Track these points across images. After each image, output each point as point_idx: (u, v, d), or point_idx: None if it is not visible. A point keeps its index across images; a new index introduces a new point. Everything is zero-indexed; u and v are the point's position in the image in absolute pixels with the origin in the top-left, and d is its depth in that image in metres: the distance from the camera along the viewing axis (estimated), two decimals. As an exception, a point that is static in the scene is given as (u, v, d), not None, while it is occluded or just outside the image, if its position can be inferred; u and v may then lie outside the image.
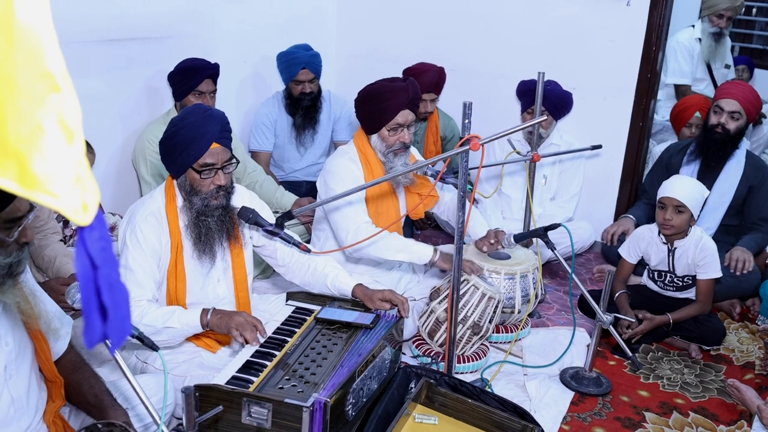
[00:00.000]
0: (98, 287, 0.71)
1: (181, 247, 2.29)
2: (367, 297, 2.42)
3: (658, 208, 2.96)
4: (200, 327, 2.19)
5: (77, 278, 0.72)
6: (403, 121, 2.77)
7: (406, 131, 2.80)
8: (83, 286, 0.71)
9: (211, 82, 3.32)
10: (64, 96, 0.65)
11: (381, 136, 2.80)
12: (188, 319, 2.18)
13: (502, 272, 2.88)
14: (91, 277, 0.71)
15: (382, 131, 2.79)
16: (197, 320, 2.19)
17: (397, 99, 2.72)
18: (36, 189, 0.64)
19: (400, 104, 2.73)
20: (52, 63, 0.64)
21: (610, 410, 2.61)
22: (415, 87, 2.79)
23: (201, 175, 2.21)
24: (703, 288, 2.97)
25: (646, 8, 3.70)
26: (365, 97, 2.80)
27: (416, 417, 2.18)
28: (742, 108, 3.36)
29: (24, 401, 1.70)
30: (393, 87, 2.75)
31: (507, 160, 3.47)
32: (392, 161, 2.81)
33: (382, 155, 2.83)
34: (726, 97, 3.39)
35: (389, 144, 2.79)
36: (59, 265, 2.64)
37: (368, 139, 2.86)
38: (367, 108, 2.80)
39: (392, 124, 2.76)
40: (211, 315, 2.19)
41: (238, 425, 1.90)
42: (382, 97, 2.74)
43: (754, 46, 6.41)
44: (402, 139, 2.79)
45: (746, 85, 3.50)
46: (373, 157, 2.86)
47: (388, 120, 2.75)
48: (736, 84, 3.54)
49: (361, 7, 4.58)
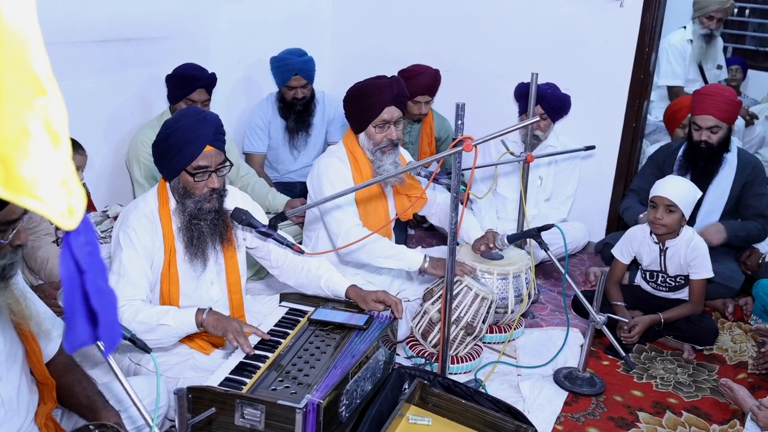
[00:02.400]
0: (86, 291, 0.71)
1: (174, 249, 2.28)
2: (361, 298, 2.42)
3: (649, 207, 2.97)
4: (195, 326, 2.17)
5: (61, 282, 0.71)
6: (389, 117, 2.78)
7: (393, 128, 2.80)
8: (67, 290, 0.71)
9: (204, 92, 3.31)
10: (50, 99, 0.65)
11: (368, 133, 2.81)
12: (183, 318, 2.16)
13: (495, 273, 2.89)
14: (77, 281, 0.70)
15: (369, 129, 2.80)
16: (192, 319, 2.16)
17: (381, 96, 2.74)
18: (21, 193, 0.64)
19: (385, 101, 2.74)
20: (38, 66, 0.64)
21: (604, 410, 2.61)
22: (399, 83, 2.80)
23: (194, 177, 2.21)
24: (695, 288, 2.98)
25: (639, 9, 3.71)
26: (351, 96, 2.83)
27: (410, 418, 2.19)
28: (719, 120, 3.29)
29: (15, 404, 1.69)
30: (377, 84, 2.77)
31: (500, 161, 3.47)
32: (380, 159, 2.81)
33: (370, 153, 2.83)
34: (701, 113, 3.31)
35: (376, 142, 2.80)
36: (52, 267, 2.63)
37: (357, 139, 2.86)
38: (353, 106, 2.82)
39: (378, 121, 2.77)
40: (207, 314, 2.16)
41: (231, 427, 1.89)
42: (368, 94, 2.76)
43: (747, 47, 6.44)
44: (389, 137, 2.80)
45: (718, 94, 3.33)
46: (361, 157, 2.86)
47: (374, 117, 2.76)
48: (707, 95, 3.33)
49: (357, 7, 4.59)
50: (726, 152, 3.39)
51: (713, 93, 3.33)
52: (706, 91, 3.38)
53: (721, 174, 3.40)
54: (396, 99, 2.77)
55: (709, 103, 3.28)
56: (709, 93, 3.34)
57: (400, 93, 2.79)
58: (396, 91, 2.76)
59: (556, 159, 3.78)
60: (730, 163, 3.42)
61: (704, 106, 3.29)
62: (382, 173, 2.78)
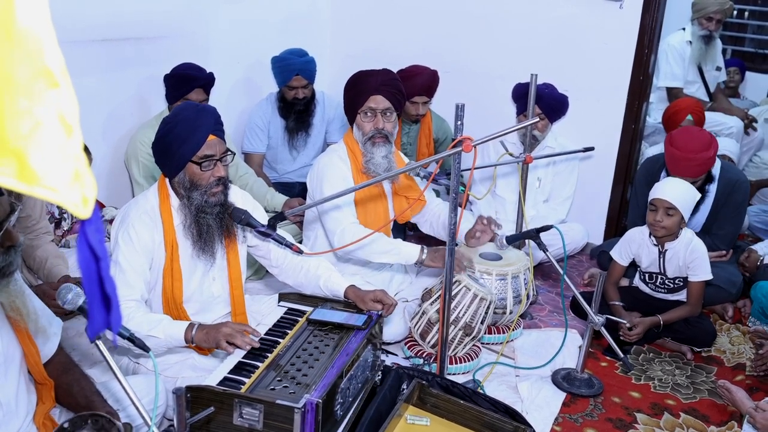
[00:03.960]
0: (101, 278, 0.73)
1: (176, 245, 2.28)
2: (359, 298, 2.42)
3: (649, 209, 2.97)
4: (183, 342, 2.13)
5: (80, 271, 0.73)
6: (375, 105, 2.80)
7: (380, 117, 2.81)
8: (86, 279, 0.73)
9: (202, 92, 3.31)
10: (63, 92, 0.66)
11: (357, 124, 2.85)
12: (173, 331, 2.12)
13: (494, 273, 2.89)
14: (94, 268, 0.72)
15: (358, 119, 2.84)
16: (181, 335, 2.12)
17: (366, 83, 2.79)
18: (35, 184, 0.65)
19: (370, 88, 2.78)
20: (51, 59, 0.65)
21: (602, 411, 2.62)
22: (389, 74, 2.85)
23: (201, 166, 2.21)
24: (693, 290, 2.99)
25: (638, 11, 3.71)
26: (345, 88, 2.89)
27: (408, 418, 2.19)
28: (697, 177, 3.21)
29: (13, 405, 1.69)
30: (364, 73, 2.84)
31: (499, 161, 3.47)
32: (371, 152, 2.81)
33: (361, 145, 2.85)
34: (678, 175, 3.15)
35: (365, 132, 2.81)
36: (50, 266, 2.63)
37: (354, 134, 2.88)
38: (346, 99, 2.88)
39: (365, 108, 2.80)
40: (196, 331, 2.11)
41: (229, 426, 1.89)
42: (355, 83, 2.83)
43: (746, 50, 6.45)
44: (377, 125, 2.80)
45: (690, 158, 3.16)
46: (360, 154, 2.87)
47: (361, 104, 2.80)
48: (681, 160, 3.18)
49: (356, 8, 4.59)
50: (709, 183, 3.36)
51: (685, 158, 3.17)
52: (677, 155, 3.19)
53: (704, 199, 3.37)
54: (381, 87, 2.79)
55: (683, 167, 3.17)
56: (680, 158, 3.18)
57: (387, 83, 2.81)
58: (381, 80, 2.79)
59: (554, 160, 3.79)
60: (711, 193, 3.39)
61: (679, 169, 3.18)
62: (372, 166, 2.79)
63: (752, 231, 4.26)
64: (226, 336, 2.07)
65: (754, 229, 4.24)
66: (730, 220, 3.41)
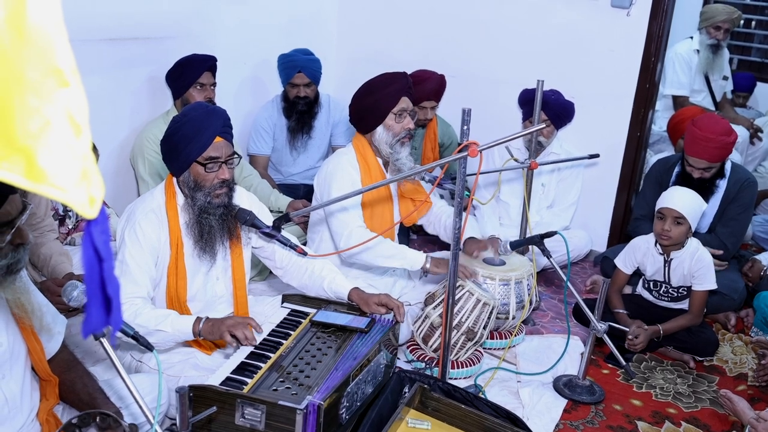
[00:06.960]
0: (103, 279, 0.73)
1: (181, 244, 2.29)
2: (363, 301, 2.42)
3: (656, 218, 2.96)
4: (191, 335, 2.18)
5: (84, 270, 0.73)
6: (406, 106, 2.82)
7: (409, 118, 2.84)
8: (89, 278, 0.73)
9: (210, 75, 3.34)
10: (73, 91, 0.66)
11: (386, 125, 2.82)
12: (181, 325, 2.16)
13: (497, 278, 2.89)
14: (97, 269, 0.72)
15: (387, 120, 2.81)
16: (189, 327, 2.16)
17: (397, 84, 2.80)
18: (43, 183, 0.65)
19: (401, 89, 2.80)
20: (62, 59, 0.65)
21: (603, 419, 2.61)
22: (408, 77, 2.87)
23: (206, 168, 2.22)
24: (696, 299, 2.98)
25: (645, 18, 3.72)
26: (365, 91, 2.85)
27: (409, 422, 2.19)
28: (712, 162, 3.24)
29: (18, 401, 1.70)
30: (390, 75, 2.84)
31: (504, 167, 3.48)
32: (398, 152, 2.83)
33: (388, 147, 2.84)
34: (693, 156, 3.25)
35: (396, 132, 2.82)
36: (55, 263, 2.63)
37: (369, 140, 2.87)
38: (368, 101, 2.82)
39: (397, 110, 2.80)
40: (203, 323, 2.17)
41: (231, 426, 1.89)
42: (384, 85, 2.81)
43: (753, 59, 6.44)
44: (407, 126, 2.83)
45: (710, 139, 3.19)
46: (372, 159, 2.87)
47: (392, 105, 2.79)
48: (700, 139, 3.21)
49: (362, 11, 4.60)
50: (720, 179, 3.38)
51: (705, 138, 3.19)
52: (698, 135, 3.22)
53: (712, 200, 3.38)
54: (409, 90, 2.82)
55: (701, 148, 3.21)
56: (701, 138, 3.20)
57: (411, 85, 2.86)
58: (408, 82, 2.83)
59: (559, 166, 3.79)
60: (720, 189, 3.40)
61: (696, 150, 3.22)
62: (400, 167, 2.81)
63: (756, 241, 4.25)
64: (230, 327, 2.12)
65: (758, 239, 4.23)
66: (736, 218, 3.40)
